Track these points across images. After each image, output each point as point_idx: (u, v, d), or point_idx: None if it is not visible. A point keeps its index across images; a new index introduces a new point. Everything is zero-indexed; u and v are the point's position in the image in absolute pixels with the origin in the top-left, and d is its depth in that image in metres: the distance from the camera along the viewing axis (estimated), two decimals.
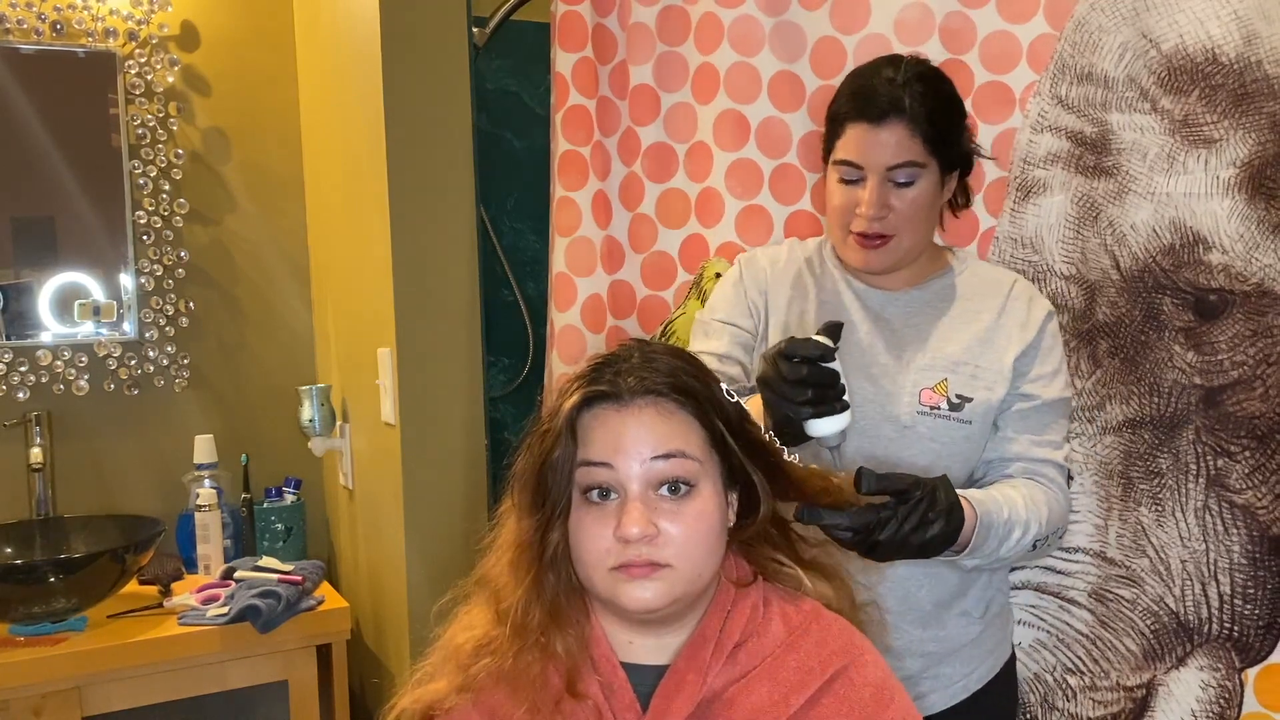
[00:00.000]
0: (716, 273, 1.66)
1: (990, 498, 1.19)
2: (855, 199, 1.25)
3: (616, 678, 0.90)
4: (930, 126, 1.22)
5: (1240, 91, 1.30)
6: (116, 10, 2.07)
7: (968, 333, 1.30)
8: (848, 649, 0.91)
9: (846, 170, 1.25)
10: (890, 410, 1.27)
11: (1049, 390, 1.28)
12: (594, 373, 0.90)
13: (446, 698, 0.92)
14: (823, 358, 1.11)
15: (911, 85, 1.22)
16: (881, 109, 1.22)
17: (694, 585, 0.88)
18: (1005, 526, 1.18)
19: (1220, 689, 1.36)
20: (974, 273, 1.35)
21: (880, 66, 1.25)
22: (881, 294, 1.34)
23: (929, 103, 1.22)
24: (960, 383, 1.27)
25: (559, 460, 0.87)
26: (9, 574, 1.70)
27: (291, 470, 2.23)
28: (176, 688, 1.75)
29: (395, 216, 1.72)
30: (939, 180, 1.26)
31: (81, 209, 2.08)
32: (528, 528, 0.90)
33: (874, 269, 1.30)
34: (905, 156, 1.22)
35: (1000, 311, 1.30)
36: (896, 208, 1.24)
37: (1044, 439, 1.28)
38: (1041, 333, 1.30)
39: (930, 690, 1.31)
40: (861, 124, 1.23)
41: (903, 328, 1.32)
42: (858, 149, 1.24)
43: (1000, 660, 1.38)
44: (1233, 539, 1.34)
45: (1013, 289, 1.33)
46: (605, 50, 1.76)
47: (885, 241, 1.26)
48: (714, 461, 0.90)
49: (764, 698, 0.87)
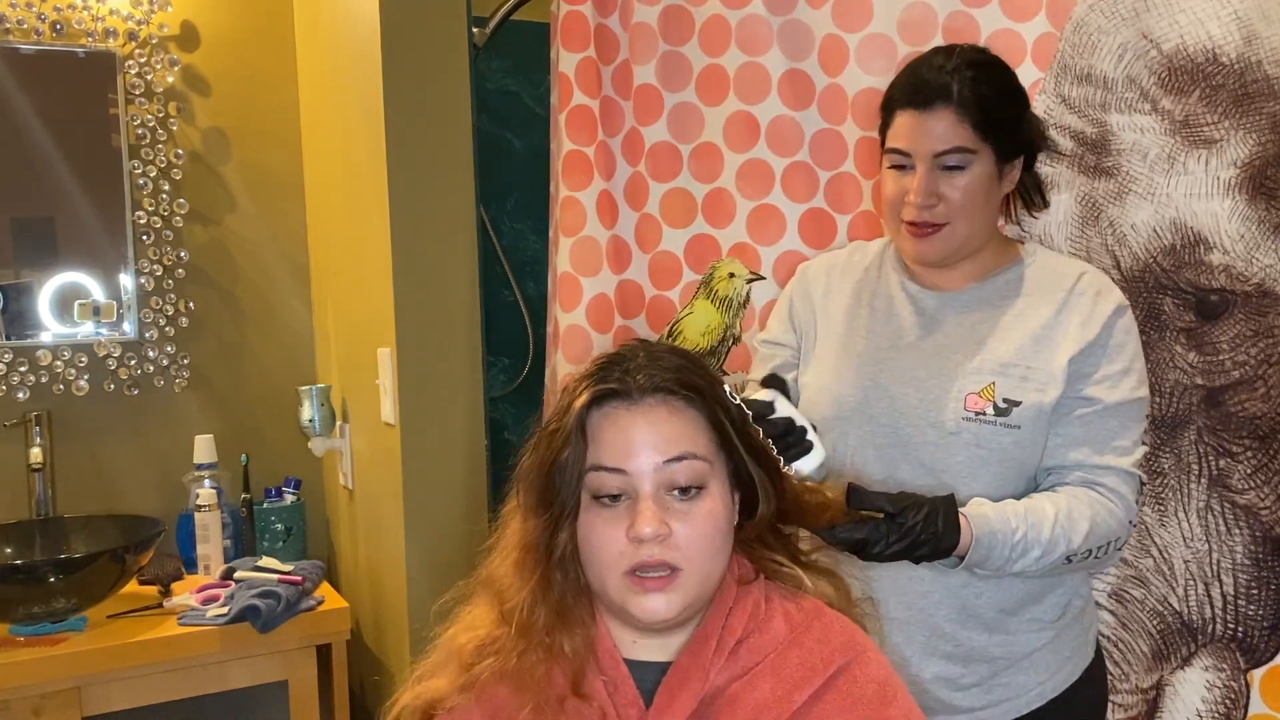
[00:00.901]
0: (730, 272, 1.66)
1: (1004, 517, 1.16)
2: (906, 187, 1.24)
3: (620, 674, 0.90)
4: (980, 112, 1.20)
5: (1241, 92, 1.30)
6: (116, 10, 2.07)
7: (1023, 331, 1.25)
8: (850, 646, 0.91)
9: (897, 158, 1.25)
10: (934, 417, 1.24)
11: (1115, 392, 1.22)
12: (602, 371, 0.90)
13: (449, 696, 0.92)
14: (761, 415, 1.13)
15: (962, 71, 1.21)
16: (928, 95, 1.21)
17: (704, 587, 0.88)
18: (1017, 546, 1.15)
19: (1226, 689, 1.36)
20: (1042, 265, 1.30)
21: (933, 55, 1.25)
22: (938, 295, 1.31)
23: (980, 89, 1.20)
24: (1009, 386, 1.22)
25: (568, 461, 0.87)
26: (9, 574, 1.70)
27: (291, 470, 2.23)
28: (176, 688, 1.75)
29: (395, 216, 1.72)
30: (994, 168, 1.23)
31: (81, 209, 2.08)
32: (534, 528, 0.90)
33: (928, 259, 1.28)
34: (954, 142, 1.20)
35: (1061, 307, 1.25)
36: (947, 195, 1.22)
37: (1108, 445, 1.22)
38: (1108, 329, 1.23)
39: (1003, 698, 1.27)
40: (909, 111, 1.23)
41: (957, 329, 1.28)
42: (906, 136, 1.23)
43: (1080, 665, 1.31)
44: (1235, 539, 1.34)
45: (1078, 282, 1.26)
46: (608, 50, 1.76)
47: (937, 230, 1.24)
48: (720, 462, 0.90)
49: (767, 694, 0.87)
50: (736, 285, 1.66)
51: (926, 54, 1.26)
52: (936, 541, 1.11)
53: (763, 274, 1.64)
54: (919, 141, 1.22)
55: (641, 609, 0.86)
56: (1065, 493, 1.21)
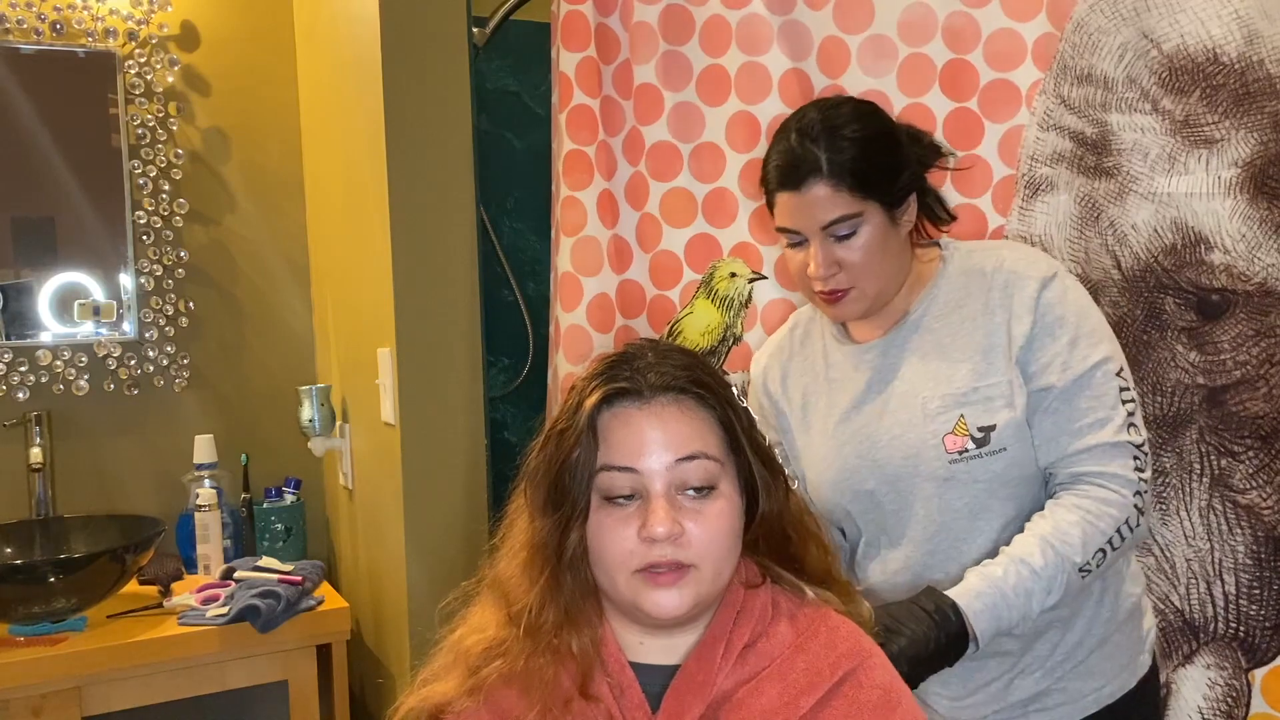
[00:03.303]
0: (731, 272, 1.66)
1: (986, 575, 1.14)
2: (805, 261, 1.24)
3: (625, 678, 0.89)
4: (853, 176, 1.19)
5: (1242, 91, 1.30)
6: (116, 10, 2.07)
7: (968, 348, 1.23)
8: (856, 651, 0.91)
9: (790, 236, 1.25)
10: (924, 469, 1.22)
11: (1069, 370, 1.18)
12: (611, 370, 0.89)
13: (456, 700, 0.91)
14: None
15: (826, 140, 1.20)
16: (800, 174, 1.21)
17: (715, 586, 0.88)
18: (1018, 591, 1.13)
19: (1227, 688, 1.36)
20: (960, 268, 1.27)
21: (794, 124, 1.24)
22: (872, 346, 1.29)
23: (847, 153, 1.19)
24: (977, 413, 1.20)
25: (579, 461, 0.87)
26: (9, 574, 1.70)
27: (291, 470, 2.22)
28: (176, 688, 1.75)
29: (395, 216, 1.72)
30: (885, 219, 1.22)
31: (81, 209, 2.08)
32: (542, 528, 0.89)
33: (851, 318, 1.29)
34: (836, 212, 1.20)
35: (990, 309, 1.23)
36: (846, 259, 1.21)
37: (1082, 425, 1.18)
38: (1037, 311, 1.19)
39: (1057, 704, 1.25)
40: (785, 192, 1.23)
41: (907, 370, 1.26)
42: (790, 216, 1.23)
43: (1136, 673, 1.28)
44: (1237, 539, 1.34)
45: (994, 276, 1.24)
46: (608, 50, 1.76)
47: (846, 294, 1.23)
48: (730, 463, 0.90)
49: (774, 699, 0.87)
50: (738, 285, 1.66)
51: (789, 121, 1.25)
52: (946, 647, 1.10)
53: (765, 273, 1.64)
54: (802, 219, 1.22)
55: (653, 604, 0.85)
56: (1047, 509, 1.19)
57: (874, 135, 1.22)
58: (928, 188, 1.29)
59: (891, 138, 1.24)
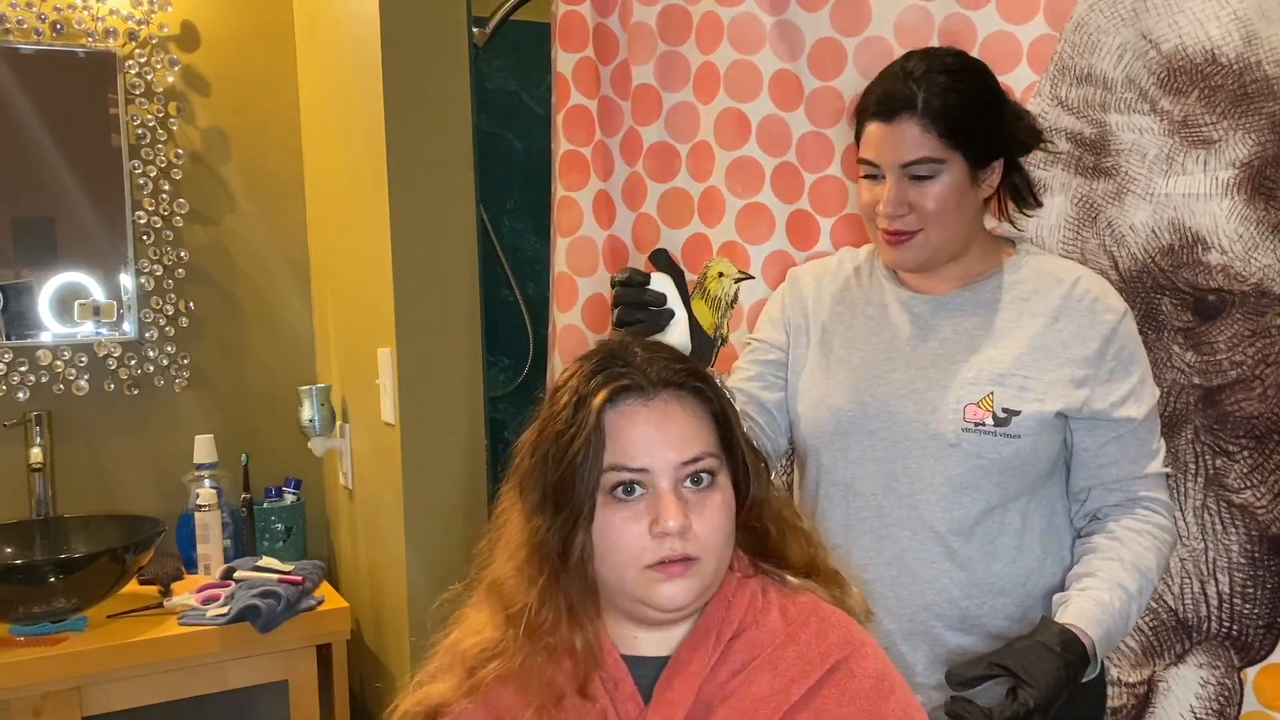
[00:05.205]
0: (719, 271, 1.66)
1: (1103, 604, 1.17)
2: (878, 196, 1.24)
3: (618, 670, 0.90)
4: (946, 121, 1.20)
5: (1240, 92, 1.30)
6: (116, 10, 2.07)
7: (1020, 339, 1.24)
8: (847, 640, 0.91)
9: (867, 168, 1.25)
10: (934, 428, 1.24)
11: (1141, 405, 1.23)
12: (608, 368, 0.90)
13: (453, 701, 0.92)
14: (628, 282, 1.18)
15: (930, 79, 1.20)
16: (894, 107, 1.21)
17: (716, 576, 0.90)
18: (1120, 618, 1.17)
19: (1220, 687, 1.37)
20: (1036, 267, 1.28)
21: (904, 61, 1.25)
22: (929, 299, 1.30)
23: (948, 97, 1.20)
24: (1008, 396, 1.22)
25: (586, 462, 0.87)
26: (9, 574, 1.70)
27: (291, 470, 2.23)
28: (176, 688, 1.75)
29: (395, 217, 1.72)
30: (967, 174, 1.22)
31: (81, 209, 2.08)
32: (541, 528, 0.89)
33: (906, 265, 1.28)
34: (920, 153, 1.20)
35: (1057, 315, 1.24)
36: (918, 203, 1.22)
37: (1145, 455, 1.25)
38: (1118, 343, 1.23)
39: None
40: (877, 122, 1.23)
41: (952, 335, 1.27)
42: (874, 147, 1.24)
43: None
44: (1231, 538, 1.34)
45: (1074, 288, 1.25)
46: (606, 50, 1.76)
47: (911, 237, 1.24)
48: (723, 455, 0.91)
49: (765, 688, 0.87)
50: (725, 285, 1.65)
51: (899, 60, 1.26)
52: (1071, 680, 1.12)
53: (752, 274, 1.64)
54: (886, 153, 1.22)
55: (665, 597, 0.87)
56: (1119, 531, 1.23)
57: (975, 90, 1.23)
58: (1018, 165, 1.30)
59: (994, 97, 1.25)
